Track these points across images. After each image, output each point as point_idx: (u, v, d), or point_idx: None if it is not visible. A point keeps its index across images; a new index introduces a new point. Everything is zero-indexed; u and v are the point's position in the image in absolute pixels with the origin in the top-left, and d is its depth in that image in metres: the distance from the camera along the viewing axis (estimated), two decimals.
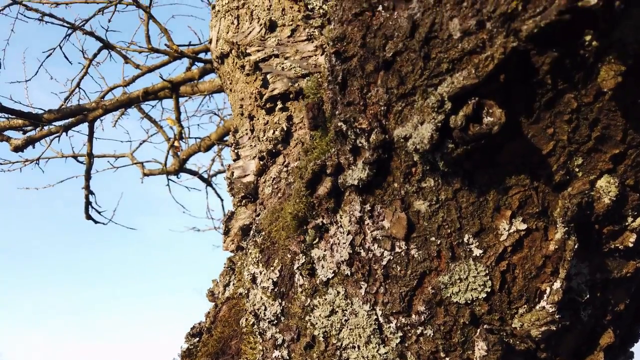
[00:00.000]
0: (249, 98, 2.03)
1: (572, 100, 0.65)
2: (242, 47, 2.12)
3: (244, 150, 2.00)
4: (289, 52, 2.05)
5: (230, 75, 2.19)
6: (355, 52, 0.78)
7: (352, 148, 0.82)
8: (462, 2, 0.65)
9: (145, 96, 3.43)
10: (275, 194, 1.79)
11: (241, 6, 2.22)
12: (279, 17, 2.12)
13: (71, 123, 3.50)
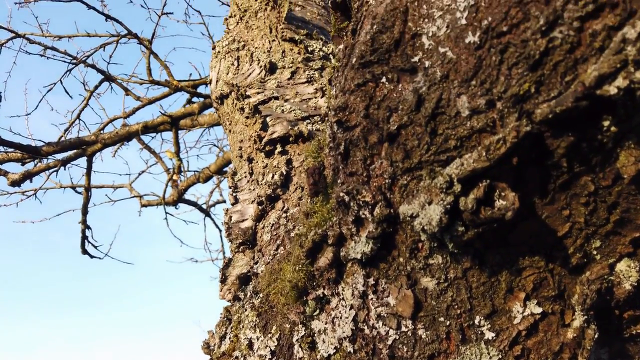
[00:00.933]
0: (248, 140, 2.00)
1: (589, 183, 0.61)
2: (241, 89, 2.10)
3: (243, 194, 1.95)
4: (289, 95, 2.03)
5: (230, 116, 2.17)
6: (358, 122, 0.74)
7: (354, 219, 0.78)
8: (470, 79, 0.62)
9: (145, 130, 3.41)
10: (274, 241, 1.74)
11: (241, 48, 2.21)
12: (279, 59, 2.10)
13: (69, 157, 3.47)
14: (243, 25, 2.25)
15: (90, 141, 3.98)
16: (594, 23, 0.52)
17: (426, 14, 0.67)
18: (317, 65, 2.11)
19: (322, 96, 2.04)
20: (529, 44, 0.56)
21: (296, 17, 2.21)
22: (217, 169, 4.63)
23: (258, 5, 2.25)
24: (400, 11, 0.69)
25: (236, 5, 2.30)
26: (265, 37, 2.19)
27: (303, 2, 2.24)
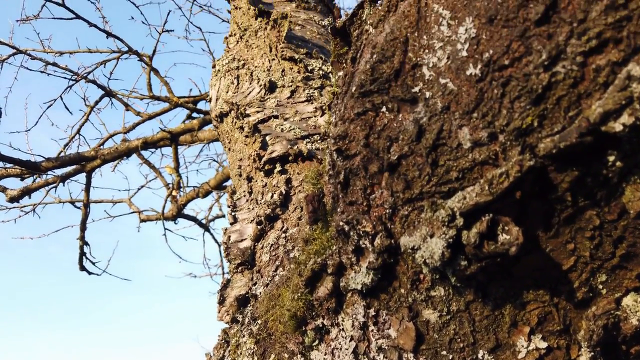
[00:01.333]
0: (247, 159, 1.99)
1: (594, 217, 0.60)
2: (241, 107, 2.09)
3: (242, 213, 1.94)
4: (289, 113, 2.03)
5: (229, 134, 2.16)
6: (358, 150, 0.73)
7: (355, 249, 0.76)
8: (471, 112, 0.61)
9: (144, 146, 3.40)
10: (273, 262, 1.72)
11: (241, 66, 2.21)
12: (278, 78, 2.10)
13: (68, 173, 3.46)
14: (243, 44, 2.26)
15: (90, 157, 3.97)
16: (598, 58, 0.52)
17: (426, 45, 0.66)
18: (316, 84, 2.11)
19: (321, 115, 2.03)
20: (531, 78, 0.55)
21: (296, 36, 2.21)
22: (217, 184, 4.61)
23: (258, 24, 2.25)
24: (401, 41, 0.68)
25: (236, 24, 2.30)
26: (265, 56, 2.20)
27: (303, 22, 2.25)
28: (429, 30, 0.66)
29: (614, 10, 0.50)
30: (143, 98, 4.63)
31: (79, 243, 3.34)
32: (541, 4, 0.53)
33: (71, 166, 4.01)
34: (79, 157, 3.99)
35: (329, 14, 2.41)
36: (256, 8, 2.22)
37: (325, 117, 2.02)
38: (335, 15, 2.45)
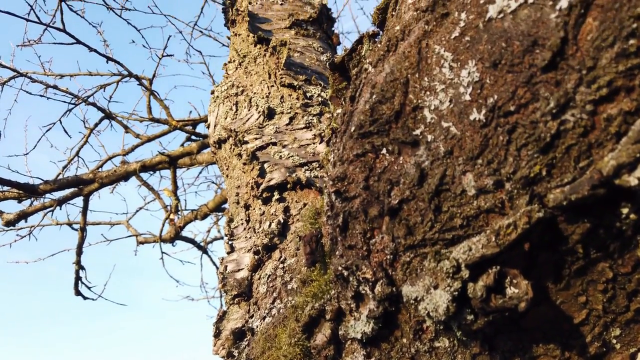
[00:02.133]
0: (245, 186, 1.96)
1: (607, 269, 0.56)
2: (239, 134, 2.07)
3: (239, 242, 1.89)
4: (287, 140, 2.01)
5: (227, 161, 2.13)
6: (357, 193, 0.70)
7: (354, 294, 0.73)
8: (476, 158, 0.58)
9: (143, 170, 3.38)
10: (270, 294, 1.67)
11: (240, 93, 2.20)
12: (277, 105, 2.09)
13: (66, 197, 3.42)
14: (242, 71, 2.25)
15: (88, 179, 3.94)
16: (609, 107, 0.49)
17: (428, 87, 0.64)
18: (315, 110, 2.09)
19: (320, 142, 2.01)
20: (538, 126, 0.52)
21: (295, 62, 2.21)
22: (215, 206, 4.57)
23: (257, 51, 2.25)
24: (401, 82, 0.66)
25: (235, 51, 2.30)
26: (264, 82, 2.19)
27: (302, 49, 2.25)
28: (430, 72, 0.63)
29: (625, 58, 0.47)
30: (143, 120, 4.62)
31: (75, 267, 3.28)
32: (548, 50, 0.50)
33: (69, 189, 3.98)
34: (77, 179, 3.96)
35: (328, 40, 2.41)
36: (255, 35, 2.22)
37: (324, 146, 2.00)
38: (334, 42, 2.45)
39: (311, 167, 1.93)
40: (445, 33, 0.63)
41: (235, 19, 2.41)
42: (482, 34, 0.58)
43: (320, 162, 1.93)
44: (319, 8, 2.37)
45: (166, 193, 4.01)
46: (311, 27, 2.34)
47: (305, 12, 2.37)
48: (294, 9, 2.36)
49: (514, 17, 0.54)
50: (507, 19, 0.55)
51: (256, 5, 2.33)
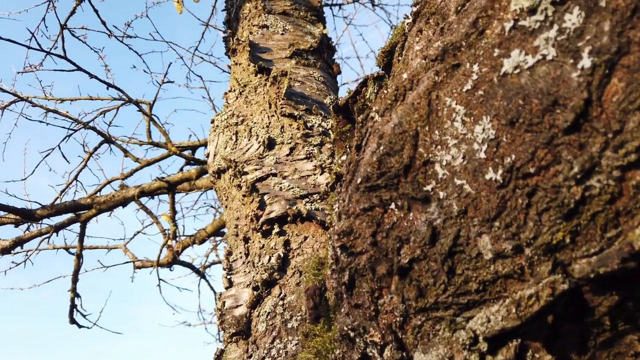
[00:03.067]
0: (244, 218, 1.91)
1: (636, 342, 0.52)
2: (239, 164, 2.03)
3: (237, 277, 1.84)
4: (287, 171, 1.97)
5: (227, 191, 2.09)
6: (364, 249, 0.66)
7: (361, 357, 0.68)
8: (492, 220, 0.54)
9: (141, 195, 3.34)
10: (270, 333, 1.61)
11: (240, 122, 2.17)
12: (277, 135, 2.06)
13: (62, 223, 3.37)
14: (242, 100, 2.23)
15: (86, 204, 3.89)
16: (638, 174, 0.45)
17: (439, 141, 0.60)
18: (316, 141, 2.06)
19: (321, 173, 1.97)
20: (561, 191, 0.49)
21: (295, 92, 2.19)
22: (214, 231, 4.52)
23: (258, 80, 2.23)
24: (410, 135, 0.62)
25: (236, 80, 2.28)
26: (264, 112, 2.16)
27: (302, 78, 2.23)
28: (441, 126, 0.60)
29: None
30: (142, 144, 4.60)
31: (70, 295, 3.21)
32: (570, 112, 0.47)
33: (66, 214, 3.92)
34: (74, 204, 3.91)
35: (329, 70, 2.40)
36: (256, 65, 2.21)
37: (325, 177, 1.96)
38: (335, 72, 2.44)
39: (312, 199, 1.89)
40: (456, 85, 0.60)
41: (236, 48, 2.40)
42: (497, 89, 0.55)
43: (321, 194, 1.89)
44: (320, 38, 2.36)
45: (164, 218, 3.96)
46: (312, 57, 2.33)
47: (306, 41, 2.36)
48: (295, 38, 2.35)
49: (531, 74, 0.51)
50: (524, 75, 0.52)
51: (257, 35, 2.32)
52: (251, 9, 2.40)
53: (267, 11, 2.37)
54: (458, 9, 0.67)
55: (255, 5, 2.38)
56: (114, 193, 3.97)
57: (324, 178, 1.97)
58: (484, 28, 0.60)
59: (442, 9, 0.70)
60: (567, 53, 0.48)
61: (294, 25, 2.39)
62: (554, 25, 0.50)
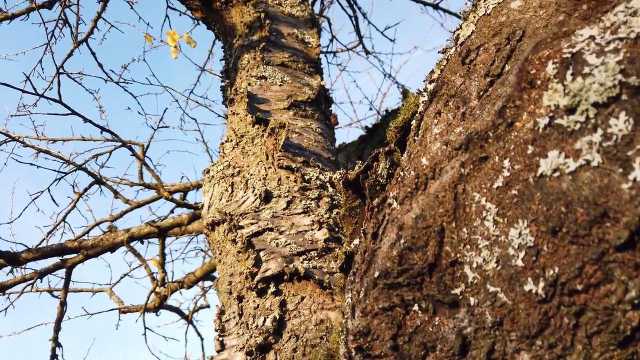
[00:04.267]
0: (238, 275, 1.82)
1: None
2: (235, 218, 1.96)
3: (230, 339, 1.73)
4: (284, 226, 1.90)
5: (221, 245, 2.01)
6: (383, 352, 0.59)
7: None
8: (533, 337, 0.48)
9: (130, 240, 3.23)
10: None
11: (236, 174, 2.12)
12: (274, 188, 2.00)
13: (48, 269, 3.23)
14: (239, 151, 2.18)
15: (73, 248, 3.75)
16: None
17: (467, 240, 0.55)
18: (313, 194, 2.00)
19: (318, 228, 1.91)
20: (615, 314, 0.43)
21: (293, 144, 2.15)
22: (203, 274, 4.38)
23: (255, 131, 2.20)
24: (435, 230, 0.57)
25: (233, 130, 2.24)
26: (261, 163, 2.11)
27: (300, 129, 2.20)
28: (470, 223, 0.55)
29: None
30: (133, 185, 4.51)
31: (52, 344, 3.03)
32: (624, 228, 0.42)
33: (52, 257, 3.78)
34: (61, 248, 3.77)
35: (326, 121, 2.38)
36: (254, 115, 2.18)
37: (322, 233, 1.90)
38: (332, 123, 2.42)
39: (309, 256, 1.82)
40: (485, 179, 0.55)
41: (233, 98, 2.38)
42: (534, 191, 0.50)
43: (318, 250, 1.82)
44: (318, 89, 2.35)
45: (153, 263, 3.82)
46: (309, 108, 2.31)
47: (304, 93, 2.35)
48: (293, 89, 2.34)
49: (574, 179, 0.47)
50: (564, 180, 0.48)
51: (255, 86, 2.30)
52: (250, 60, 2.39)
53: (266, 63, 2.37)
54: (480, 93, 0.64)
55: (254, 56, 2.38)
56: (102, 236, 3.85)
57: (321, 234, 1.90)
58: (513, 120, 0.56)
59: (462, 91, 0.66)
60: (615, 161, 0.44)
61: (292, 77, 2.38)
62: (597, 129, 0.46)
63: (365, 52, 4.43)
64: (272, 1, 2.59)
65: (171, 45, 3.84)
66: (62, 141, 4.39)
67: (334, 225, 1.97)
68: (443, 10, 4.20)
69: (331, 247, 1.90)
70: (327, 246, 1.92)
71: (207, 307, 5.17)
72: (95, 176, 4.18)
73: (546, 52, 0.56)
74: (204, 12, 2.62)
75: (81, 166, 3.68)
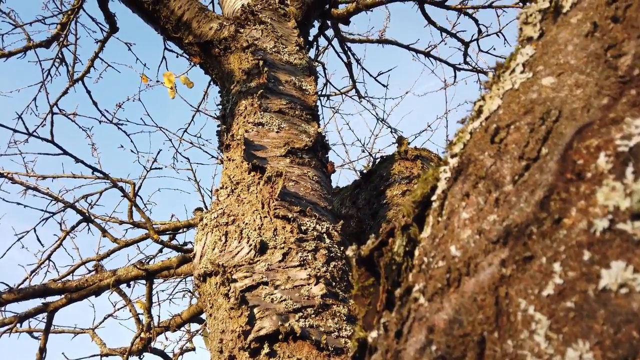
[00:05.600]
0: (230, 333, 1.69)
1: None
2: (228, 270, 1.85)
3: None
4: (280, 280, 1.79)
5: (212, 298, 1.88)
6: None
7: None
8: None
9: (117, 284, 3.08)
10: None
11: (230, 222, 2.02)
12: (270, 238, 1.90)
13: (29, 313, 3.04)
14: (234, 198, 2.09)
15: (56, 289, 3.57)
16: None
17: (513, 355, 0.46)
18: (310, 246, 1.91)
19: (315, 283, 1.80)
20: None
21: (289, 192, 2.07)
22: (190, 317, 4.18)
23: (251, 179, 2.11)
24: (474, 340, 0.49)
25: (228, 177, 2.16)
26: (256, 212, 2.02)
27: (297, 177, 2.13)
28: (516, 335, 0.47)
29: None
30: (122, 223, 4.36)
31: None
32: None
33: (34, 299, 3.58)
34: (44, 289, 3.58)
35: (323, 168, 2.31)
36: (250, 162, 2.10)
37: (319, 288, 1.79)
38: (329, 171, 2.35)
39: (306, 314, 1.70)
40: (532, 284, 0.48)
41: (230, 143, 2.31)
42: (596, 307, 0.42)
43: (315, 307, 1.71)
44: (315, 137, 2.30)
45: (139, 305, 3.64)
46: (306, 156, 2.25)
47: (301, 140, 2.29)
48: (290, 136, 2.28)
49: None
50: (635, 299, 0.40)
51: (252, 132, 2.24)
52: (247, 106, 2.34)
53: (263, 109, 2.32)
54: (515, 178, 0.57)
55: (251, 102, 2.33)
56: (87, 277, 3.67)
57: (318, 289, 1.79)
58: (561, 216, 0.49)
59: (493, 173, 0.60)
60: None
61: (289, 124, 2.33)
62: None
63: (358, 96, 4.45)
64: (271, 49, 2.58)
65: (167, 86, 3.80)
66: (51, 178, 4.27)
67: (331, 279, 1.87)
68: (434, 57, 4.26)
69: (328, 304, 1.79)
70: (325, 302, 1.81)
71: (192, 349, 4.93)
72: (83, 214, 4.04)
73: (594, 140, 0.49)
74: (202, 57, 2.59)
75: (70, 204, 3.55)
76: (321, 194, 2.20)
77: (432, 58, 4.23)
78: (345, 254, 2.01)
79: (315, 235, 1.97)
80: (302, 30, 2.91)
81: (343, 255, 1.92)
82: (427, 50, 4.23)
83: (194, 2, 2.66)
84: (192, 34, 2.59)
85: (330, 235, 1.97)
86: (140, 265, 3.03)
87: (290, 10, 2.89)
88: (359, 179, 2.97)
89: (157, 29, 2.56)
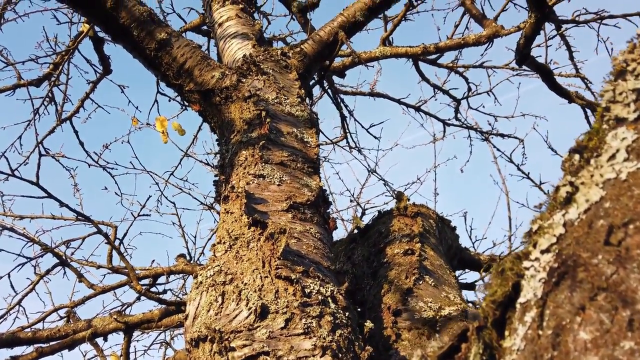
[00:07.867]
0: None
1: None
2: (224, 336, 1.64)
3: None
4: (282, 350, 1.59)
5: None
6: None
7: None
8: None
9: (93, 337, 2.78)
10: None
11: (228, 282, 1.83)
12: (271, 301, 1.71)
13: None
14: (232, 255, 1.91)
15: (25, 339, 3.22)
16: None
17: None
18: (315, 311, 1.73)
19: (321, 355, 1.61)
20: None
21: (292, 251, 1.91)
22: None
23: (251, 234, 1.95)
24: None
25: (226, 231, 1.99)
26: (256, 271, 1.84)
27: (299, 234, 1.97)
28: None
29: None
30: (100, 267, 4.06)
31: None
32: None
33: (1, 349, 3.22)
34: (12, 338, 3.23)
35: (325, 224, 2.17)
36: (251, 217, 1.94)
37: (326, 359, 1.60)
38: (330, 227, 2.21)
39: None
40: None
41: (228, 195, 2.15)
42: None
43: None
44: (317, 191, 2.17)
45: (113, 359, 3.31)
46: (308, 211, 2.11)
47: (303, 194, 2.16)
48: (292, 190, 2.15)
49: None
50: None
51: (252, 185, 2.10)
52: (247, 157, 2.21)
53: (265, 160, 2.19)
54: None
55: (252, 153, 2.21)
56: (59, 327, 3.34)
57: None
58: None
59: (616, 285, 0.48)
60: None
61: (291, 177, 2.20)
62: None
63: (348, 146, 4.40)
64: (273, 100, 2.49)
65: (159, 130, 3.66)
66: (29, 218, 3.98)
67: (337, 350, 1.68)
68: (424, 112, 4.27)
69: None
70: None
71: None
72: (60, 257, 3.74)
73: None
74: (202, 105, 2.48)
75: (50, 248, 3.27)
76: (324, 252, 2.04)
77: (423, 112, 4.24)
78: (350, 320, 1.84)
79: (319, 300, 1.80)
80: (303, 82, 2.85)
81: (349, 322, 1.75)
82: (418, 105, 4.25)
83: (197, 50, 2.58)
84: (193, 82, 2.49)
85: (335, 299, 1.80)
86: (120, 318, 2.76)
87: (291, 62, 2.84)
88: (355, 234, 2.83)
89: (158, 75, 2.45)
